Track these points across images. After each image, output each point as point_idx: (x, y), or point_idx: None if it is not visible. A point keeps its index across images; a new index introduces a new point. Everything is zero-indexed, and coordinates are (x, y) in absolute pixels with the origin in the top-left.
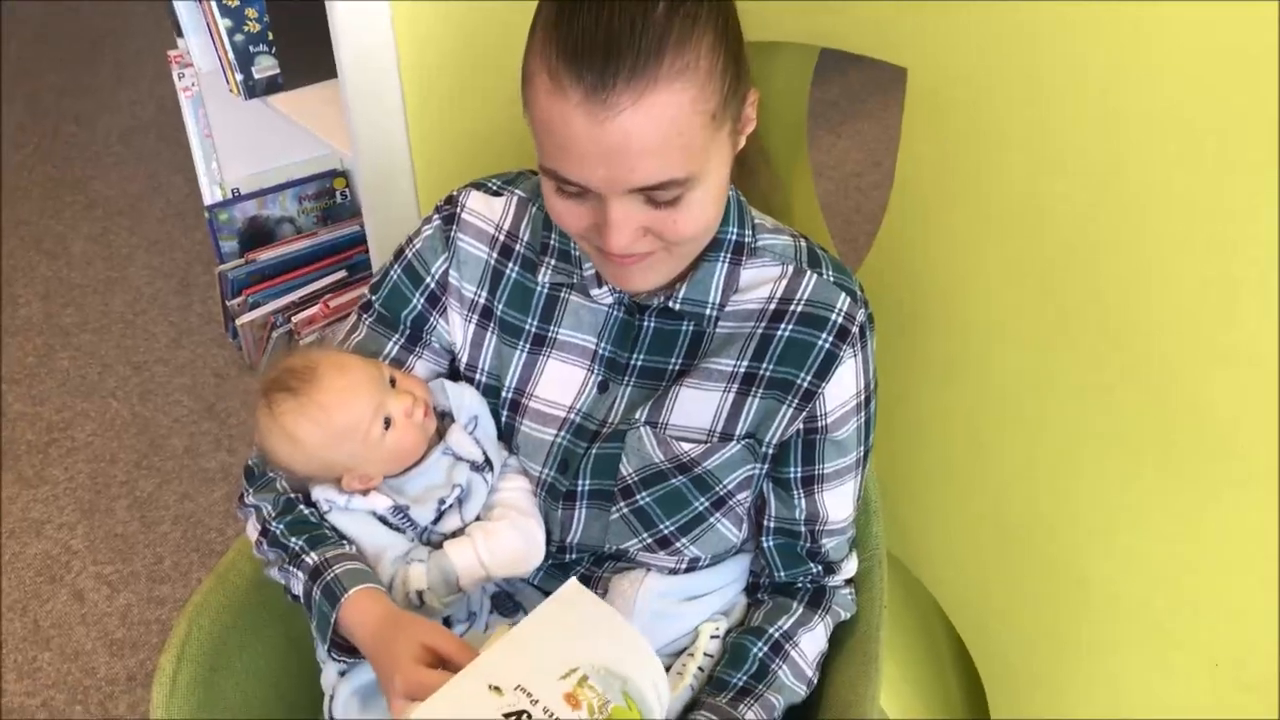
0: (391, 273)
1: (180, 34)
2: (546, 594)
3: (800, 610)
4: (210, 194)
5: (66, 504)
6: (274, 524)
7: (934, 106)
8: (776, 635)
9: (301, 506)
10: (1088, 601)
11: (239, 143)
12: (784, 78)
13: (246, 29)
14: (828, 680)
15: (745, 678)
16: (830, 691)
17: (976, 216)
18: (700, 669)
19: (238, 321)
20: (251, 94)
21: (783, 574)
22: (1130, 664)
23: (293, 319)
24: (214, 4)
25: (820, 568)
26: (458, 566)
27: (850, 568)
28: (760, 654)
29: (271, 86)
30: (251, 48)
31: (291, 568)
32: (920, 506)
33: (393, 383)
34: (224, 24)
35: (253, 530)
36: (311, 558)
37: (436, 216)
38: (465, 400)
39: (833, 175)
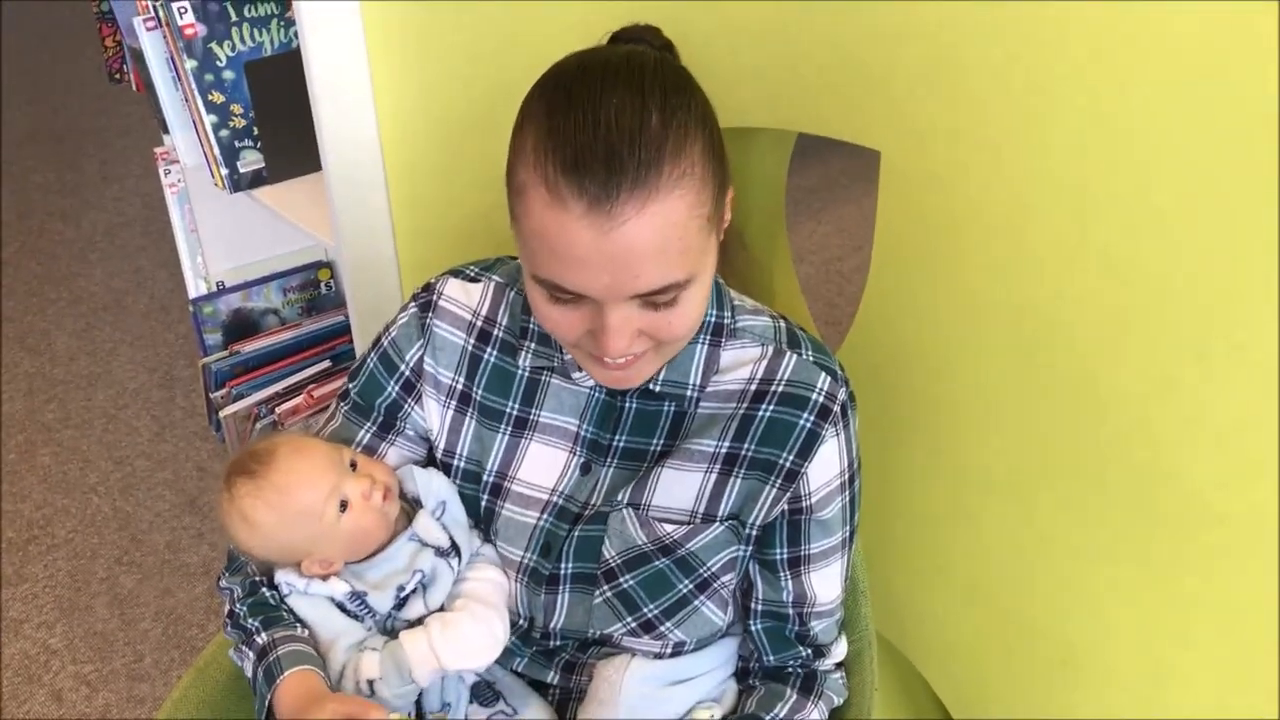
0: (368, 361)
1: (166, 130)
2: (529, 682)
3: (794, 697)
4: (195, 287)
5: (45, 602)
6: (239, 606)
7: (907, 187)
8: None
9: (264, 589)
10: (1079, 678)
11: (224, 236)
12: (761, 164)
13: (232, 124)
14: None
15: None
16: None
17: (955, 294)
18: None
19: (221, 414)
20: (236, 188)
21: (772, 658)
22: None
23: (276, 410)
24: (200, 101)
25: (810, 651)
26: (410, 657)
27: (840, 650)
28: None
29: (256, 180)
30: (237, 142)
31: (245, 648)
32: (908, 586)
33: (354, 466)
34: (209, 120)
35: (225, 612)
36: (261, 638)
37: (413, 304)
38: (433, 486)
39: (814, 260)
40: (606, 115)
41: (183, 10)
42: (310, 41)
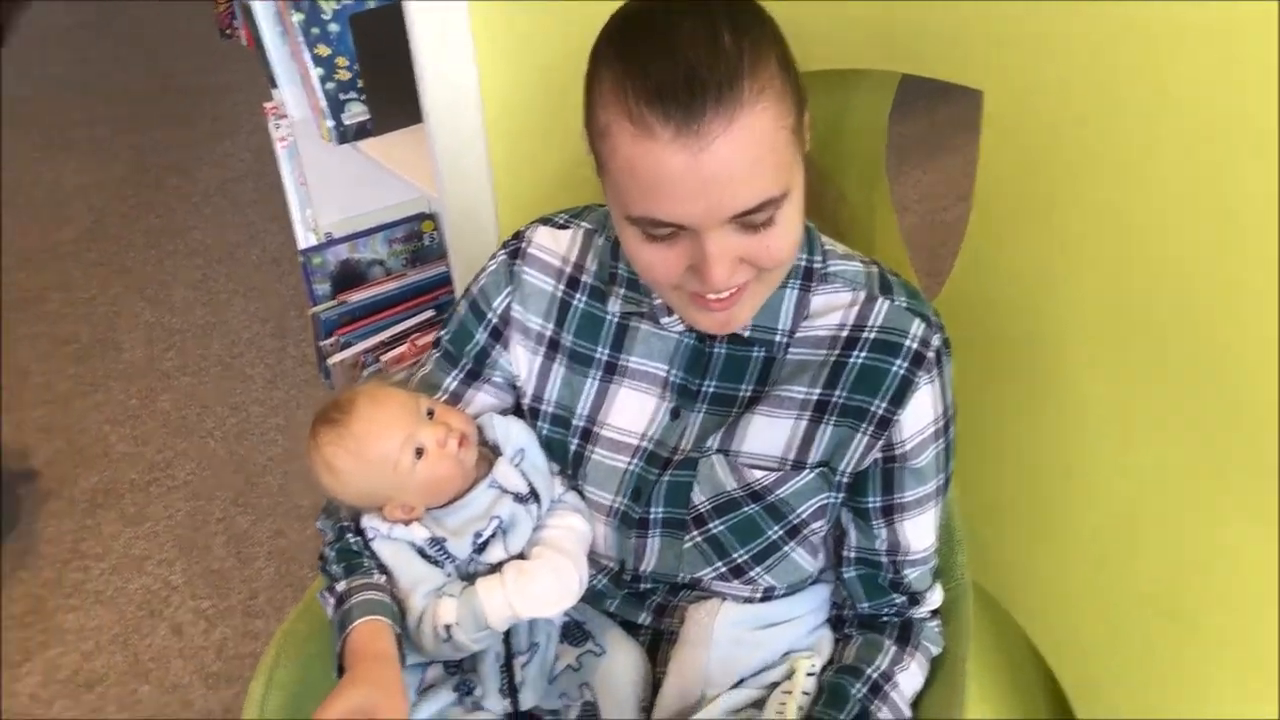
0: (459, 308)
1: (275, 85)
2: (621, 623)
3: (893, 648)
4: (304, 239)
5: (166, 540)
6: (327, 549)
7: (1011, 128)
8: (874, 676)
9: (349, 535)
10: (1186, 636)
11: (331, 188)
12: (862, 109)
13: (337, 77)
14: (913, 712)
15: (848, 719)
16: (918, 711)
17: (1059, 237)
18: (800, 708)
19: (329, 361)
20: (342, 139)
21: (866, 605)
22: (1231, 701)
23: (382, 358)
24: (307, 54)
25: (904, 599)
26: (485, 604)
27: (935, 598)
28: (860, 695)
29: (361, 132)
30: (342, 95)
31: (326, 593)
32: (1007, 536)
33: (431, 414)
34: (316, 73)
35: (319, 553)
36: (342, 585)
37: (502, 252)
38: (512, 433)
39: (917, 210)
40: (679, 42)
41: None
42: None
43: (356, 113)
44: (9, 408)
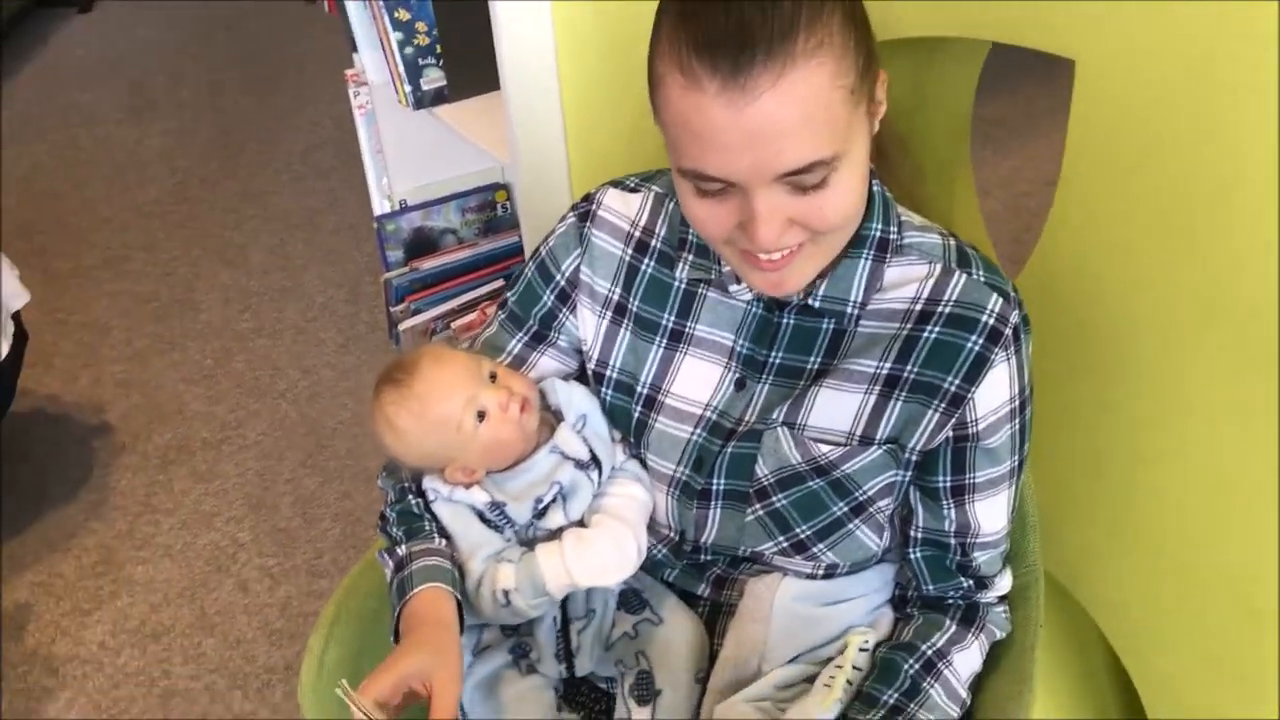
0: (526, 270)
1: (355, 49)
2: (680, 593)
3: (953, 628)
4: (380, 206)
5: (236, 498)
6: (388, 509)
7: (1103, 100)
8: (929, 653)
9: (411, 496)
10: (1261, 632)
11: (407, 156)
12: (946, 82)
13: (416, 42)
14: (978, 700)
15: (897, 695)
16: (980, 712)
17: (1148, 216)
18: (849, 682)
19: (400, 327)
20: (419, 105)
21: (931, 588)
22: None
23: (452, 325)
24: (387, 19)
25: (971, 582)
26: (544, 571)
27: (1004, 584)
28: (912, 671)
29: (438, 98)
30: (420, 60)
31: (385, 555)
32: (1081, 524)
33: (493, 378)
34: (395, 37)
35: (381, 511)
36: (402, 549)
37: (572, 214)
38: (574, 399)
39: (1000, 195)
40: None
41: None
42: None
43: (434, 78)
44: (88, 362)
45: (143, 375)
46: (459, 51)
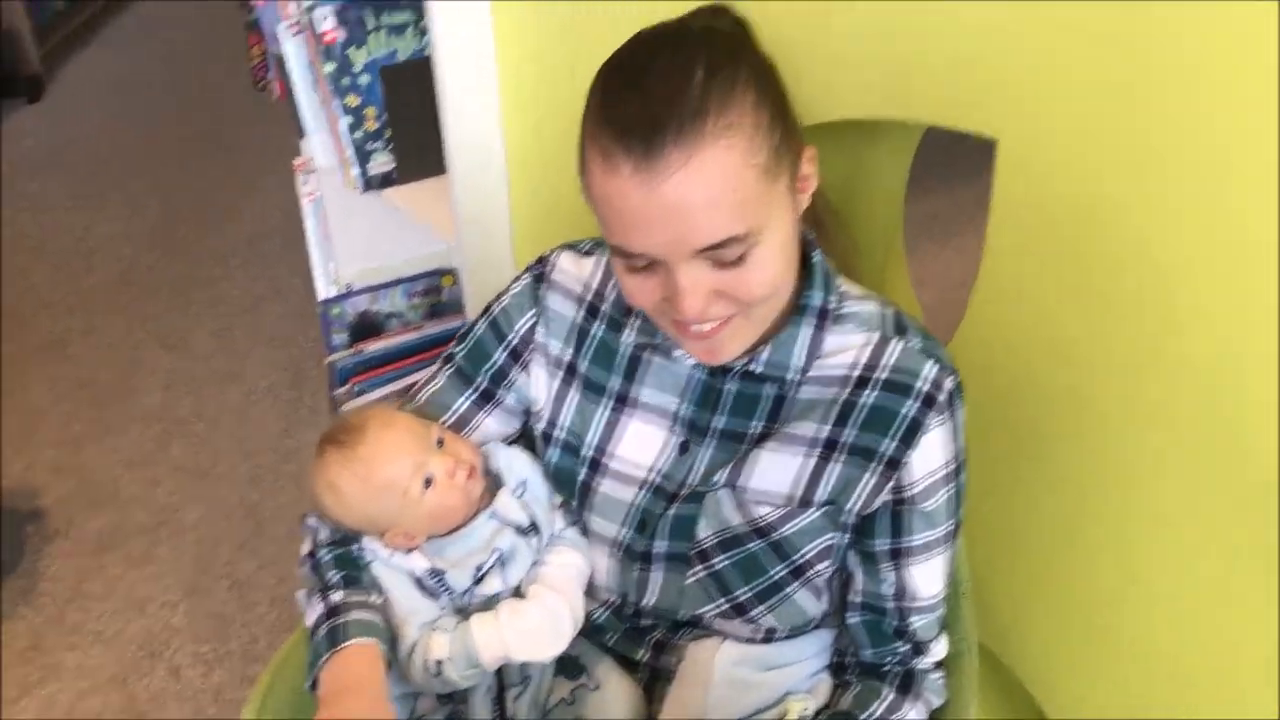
0: (476, 328)
1: (303, 134)
2: (619, 659)
3: (891, 695)
4: (325, 292)
5: (171, 583)
6: (322, 551)
7: (1023, 177)
8: None
9: (355, 545)
10: (1190, 697)
11: (354, 241)
12: (882, 163)
13: (365, 126)
14: None
15: None
16: None
17: (1072, 287)
18: None
19: (343, 409)
20: (368, 187)
21: (869, 653)
22: None
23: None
24: (336, 104)
25: (909, 648)
26: (478, 642)
27: (940, 650)
28: None
29: (386, 181)
30: (369, 144)
31: (316, 597)
32: (1011, 592)
33: (441, 443)
34: (345, 122)
35: (304, 549)
36: (337, 595)
37: (527, 275)
38: (515, 464)
39: (936, 285)
40: (650, 80)
41: (324, 17)
42: (442, 48)
43: (382, 162)
44: (22, 448)
45: (78, 460)
46: (407, 136)
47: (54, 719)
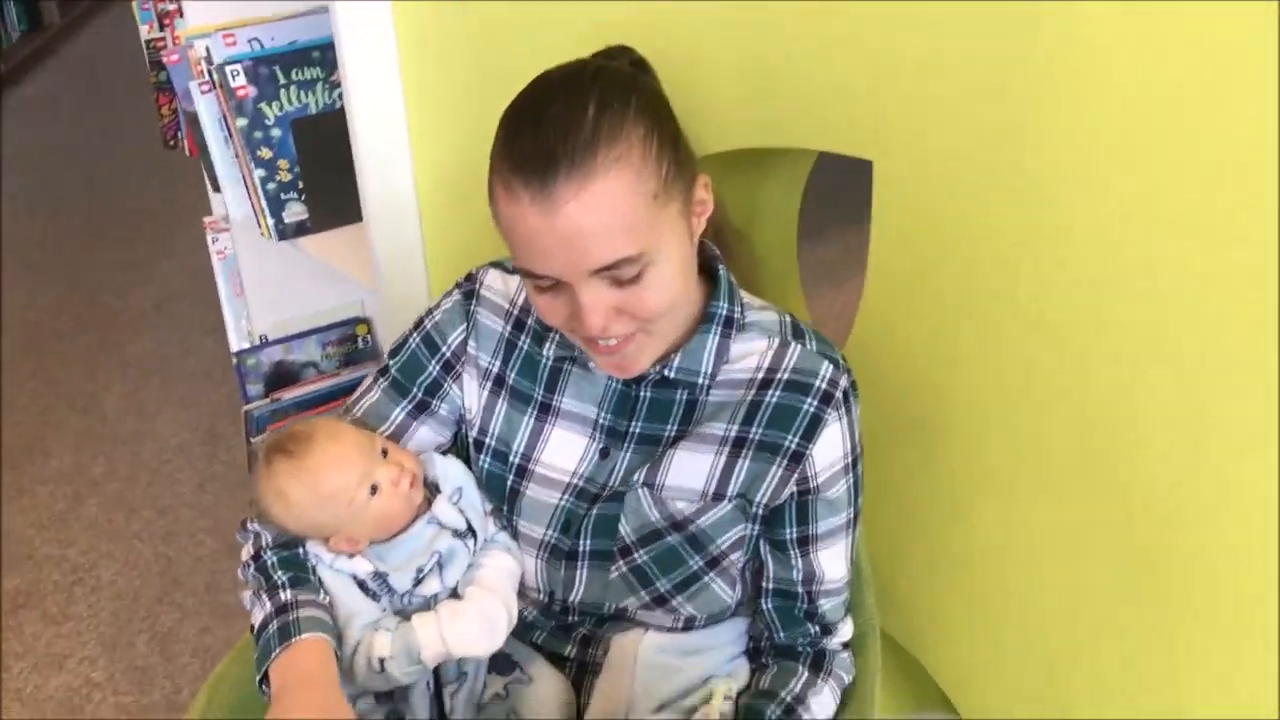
0: (410, 341)
1: (217, 188)
2: (548, 655)
3: (806, 673)
4: (239, 344)
5: (89, 639)
6: (268, 553)
7: (899, 195)
8: (788, 699)
9: (300, 548)
10: (1076, 670)
11: (268, 292)
12: (777, 188)
13: (278, 178)
14: None
15: None
16: None
17: (950, 299)
18: None
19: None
20: (282, 236)
21: (782, 635)
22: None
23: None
24: (249, 156)
25: (818, 629)
26: (421, 641)
27: (846, 631)
28: (775, 716)
29: (300, 230)
30: (282, 195)
31: (264, 595)
32: (908, 579)
33: (385, 454)
34: (258, 174)
35: (246, 553)
36: (286, 594)
37: (457, 292)
38: (451, 472)
39: (834, 325)
40: (546, 118)
41: (235, 74)
42: (354, 101)
43: (296, 211)
44: None
45: None
46: (319, 186)
47: None
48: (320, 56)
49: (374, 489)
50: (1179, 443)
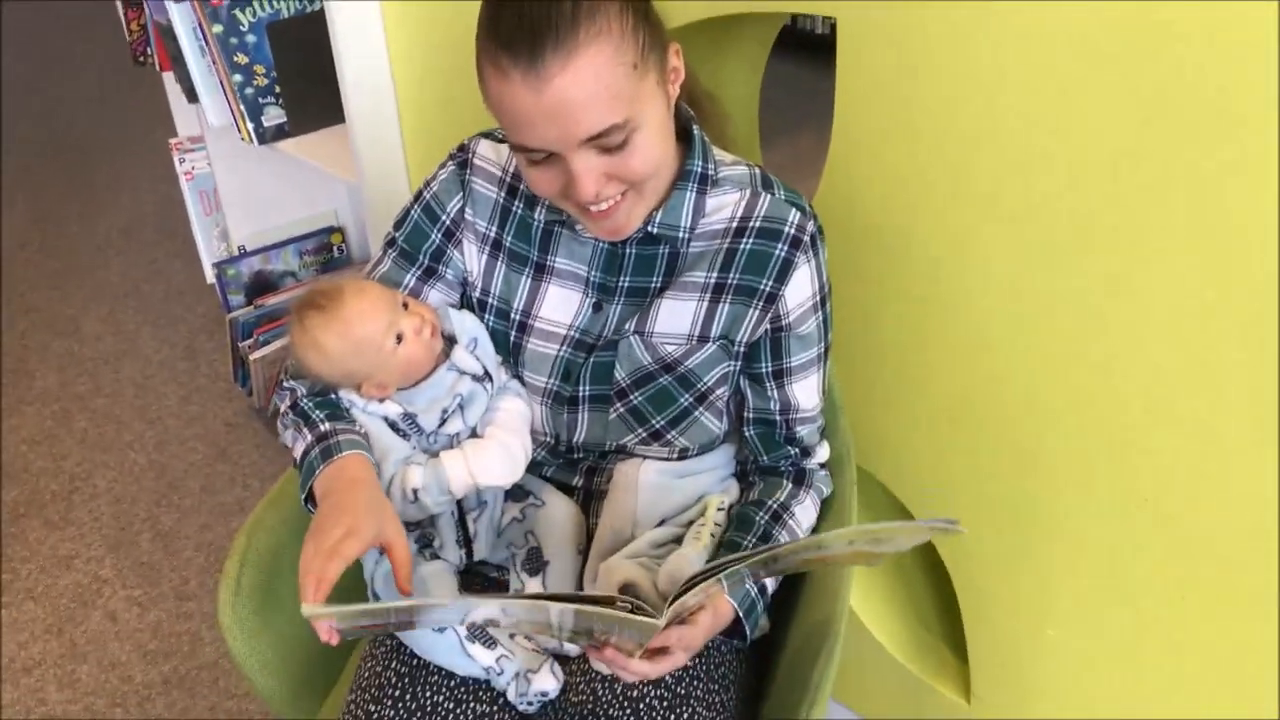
0: (412, 213)
1: (193, 99)
2: (557, 486)
3: (789, 486)
4: (217, 255)
5: (94, 540)
6: (304, 400)
7: (863, 53)
8: (775, 506)
9: (333, 394)
10: (1027, 470)
11: (246, 205)
12: (740, 54)
13: (255, 83)
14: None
15: (754, 540)
16: None
17: (912, 142)
18: (712, 535)
19: (251, 358)
20: (261, 140)
21: (765, 458)
22: (1098, 548)
23: None
24: (225, 62)
25: (797, 451)
26: (449, 474)
27: (824, 453)
28: (763, 521)
29: (279, 134)
30: (260, 99)
31: (305, 430)
32: (876, 407)
33: (405, 306)
34: (235, 79)
35: (283, 405)
36: (325, 425)
37: (451, 163)
38: (466, 324)
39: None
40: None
41: None
42: (332, 2)
43: (274, 115)
44: None
45: None
46: (296, 90)
47: None
48: None
49: (399, 337)
50: (1147, 317)
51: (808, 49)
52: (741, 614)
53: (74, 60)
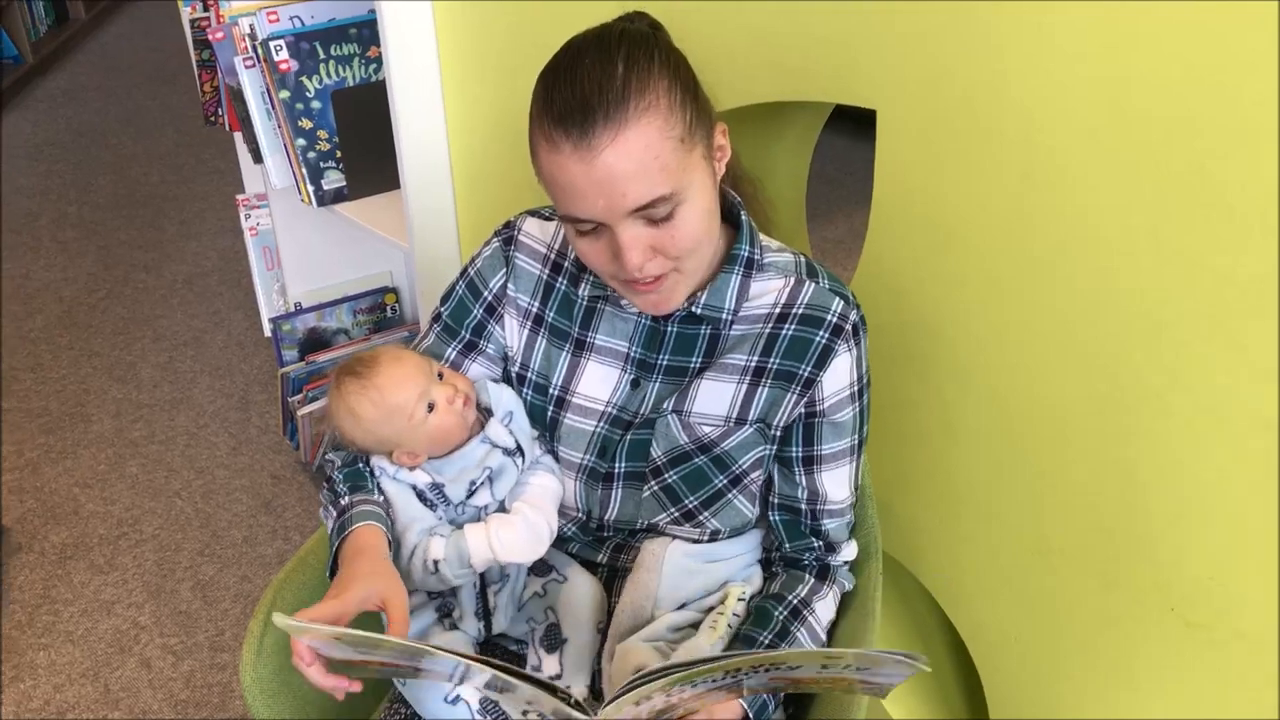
0: (457, 288)
1: (259, 159)
2: (581, 562)
3: (812, 581)
4: (275, 310)
5: (135, 587)
6: (337, 473)
7: (902, 140)
8: (795, 602)
9: (361, 464)
10: (1050, 566)
11: (303, 262)
12: (789, 141)
13: (318, 147)
14: (830, 638)
15: (770, 636)
16: (833, 639)
17: (950, 233)
18: (730, 626)
19: (298, 413)
20: (320, 202)
21: (789, 546)
22: (1125, 642)
23: None
24: (290, 127)
25: (822, 545)
26: (471, 547)
27: (850, 551)
28: (782, 617)
29: (338, 197)
30: (321, 163)
31: (331, 507)
32: (909, 500)
33: (440, 376)
34: (299, 143)
35: (325, 478)
36: (346, 499)
37: (496, 239)
38: (504, 398)
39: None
40: (580, 75)
41: (278, 49)
42: (394, 73)
43: (334, 179)
44: None
45: (35, 482)
46: (356, 155)
47: (32, 711)
48: (357, 33)
49: (431, 406)
50: (1184, 406)
51: (866, 124)
52: (751, 714)
53: (150, 117)
